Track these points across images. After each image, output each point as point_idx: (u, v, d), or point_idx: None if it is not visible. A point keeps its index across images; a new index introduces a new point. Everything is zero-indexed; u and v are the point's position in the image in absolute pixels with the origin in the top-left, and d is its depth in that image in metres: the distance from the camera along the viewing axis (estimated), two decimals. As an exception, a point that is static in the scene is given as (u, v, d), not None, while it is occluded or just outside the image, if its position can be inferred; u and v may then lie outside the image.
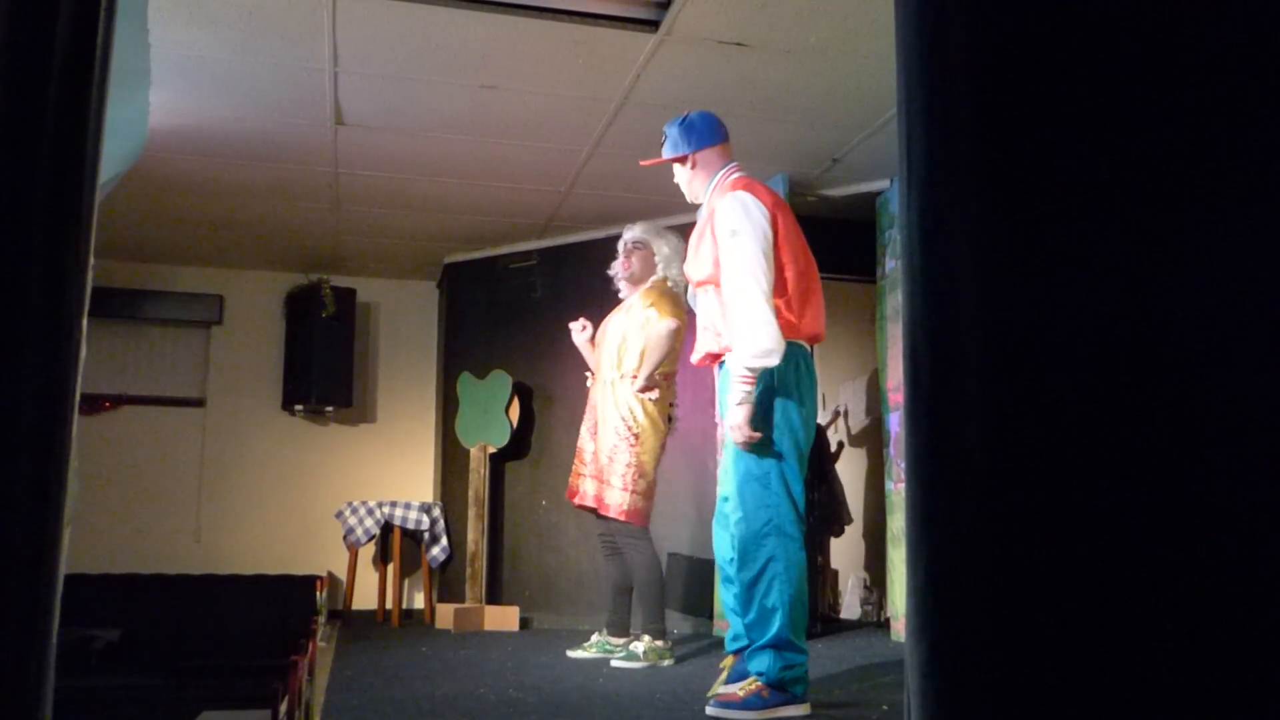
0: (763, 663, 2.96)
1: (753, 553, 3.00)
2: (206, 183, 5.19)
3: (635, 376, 4.28)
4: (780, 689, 2.94)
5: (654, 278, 4.44)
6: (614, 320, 4.52)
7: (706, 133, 3.27)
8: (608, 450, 4.30)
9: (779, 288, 3.02)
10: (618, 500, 4.23)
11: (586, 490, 4.39)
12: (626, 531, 4.25)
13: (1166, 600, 1.00)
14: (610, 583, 4.52)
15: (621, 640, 4.38)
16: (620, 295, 4.60)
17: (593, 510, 4.42)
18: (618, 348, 4.40)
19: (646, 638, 4.17)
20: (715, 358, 3.23)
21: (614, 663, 4.10)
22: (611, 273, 4.57)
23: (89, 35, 1.33)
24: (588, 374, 4.62)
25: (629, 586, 4.44)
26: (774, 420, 3.02)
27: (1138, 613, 1.01)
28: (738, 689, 2.98)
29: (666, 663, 4.12)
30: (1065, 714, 1.03)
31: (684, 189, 3.37)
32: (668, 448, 4.41)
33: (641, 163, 3.59)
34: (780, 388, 3.04)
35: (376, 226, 5.97)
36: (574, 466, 4.53)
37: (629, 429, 4.28)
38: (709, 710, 2.96)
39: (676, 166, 3.34)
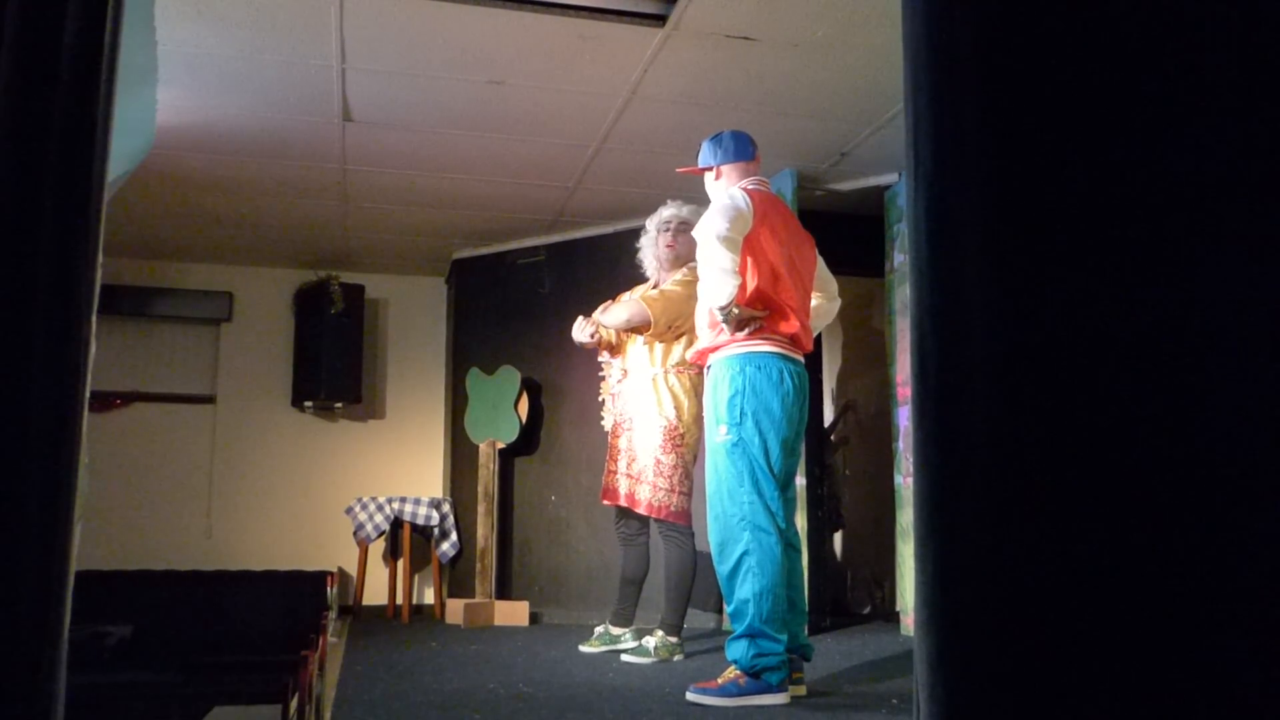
0: (737, 651, 3.12)
1: (730, 547, 3.17)
2: (215, 180, 5.20)
3: (684, 365, 4.20)
4: (756, 677, 3.08)
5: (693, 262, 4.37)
6: None
7: (732, 150, 3.50)
8: (651, 449, 4.21)
9: (740, 287, 3.18)
10: (665, 501, 4.16)
11: (619, 489, 4.31)
12: (674, 528, 4.21)
13: (1171, 593, 1.00)
14: (622, 573, 4.48)
15: (622, 630, 4.37)
16: (648, 277, 4.45)
17: (623, 507, 4.36)
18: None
19: (660, 632, 4.16)
20: (704, 354, 3.40)
21: (624, 657, 4.10)
22: (651, 254, 4.38)
23: (96, 33, 1.33)
24: (620, 369, 4.44)
25: (640, 579, 4.42)
26: (747, 423, 3.20)
27: (1143, 605, 1.01)
28: (719, 676, 3.15)
29: (677, 658, 4.11)
30: (1072, 705, 1.03)
31: (711, 199, 3.57)
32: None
33: (678, 169, 3.83)
34: (753, 393, 3.21)
35: (385, 223, 5.98)
36: (606, 465, 4.43)
37: (674, 429, 4.21)
38: (688, 695, 3.12)
39: (707, 177, 3.56)
